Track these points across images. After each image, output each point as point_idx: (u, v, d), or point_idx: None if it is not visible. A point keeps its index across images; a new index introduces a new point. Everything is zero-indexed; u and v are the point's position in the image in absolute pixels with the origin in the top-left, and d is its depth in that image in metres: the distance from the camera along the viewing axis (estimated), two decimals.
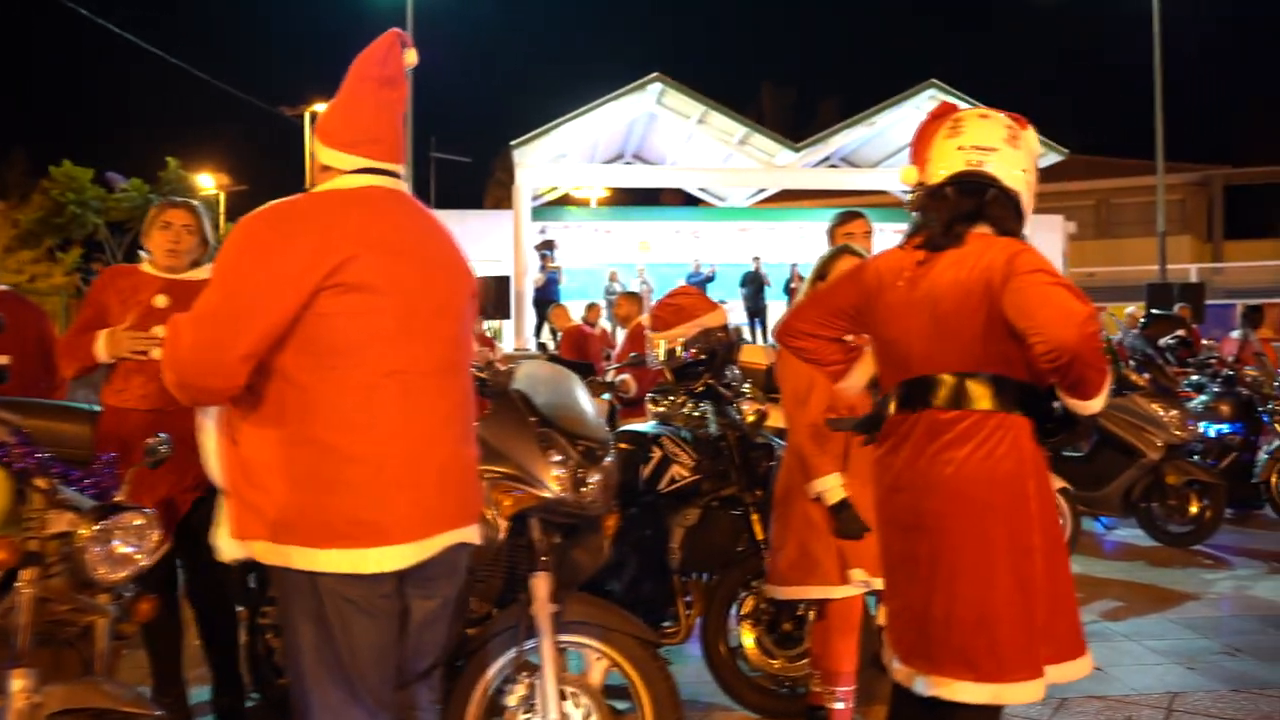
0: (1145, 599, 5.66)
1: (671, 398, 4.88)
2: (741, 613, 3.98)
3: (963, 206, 2.46)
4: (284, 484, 2.10)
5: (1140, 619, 5.27)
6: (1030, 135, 2.56)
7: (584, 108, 19.85)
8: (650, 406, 5.07)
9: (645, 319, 5.39)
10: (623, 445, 4.16)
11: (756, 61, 79.55)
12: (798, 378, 3.43)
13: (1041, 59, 74.99)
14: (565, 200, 26.26)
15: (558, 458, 2.93)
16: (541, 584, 2.89)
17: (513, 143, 19.67)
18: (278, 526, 2.10)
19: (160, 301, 3.59)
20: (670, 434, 4.13)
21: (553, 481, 2.90)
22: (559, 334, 10.73)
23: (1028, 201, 2.52)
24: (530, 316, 19.34)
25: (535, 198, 23.59)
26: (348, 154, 2.23)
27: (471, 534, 2.34)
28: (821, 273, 3.53)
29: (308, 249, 2.06)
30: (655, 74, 19.90)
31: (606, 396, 7.52)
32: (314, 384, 2.09)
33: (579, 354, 9.33)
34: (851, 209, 4.66)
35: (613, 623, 2.96)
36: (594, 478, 2.97)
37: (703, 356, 3.96)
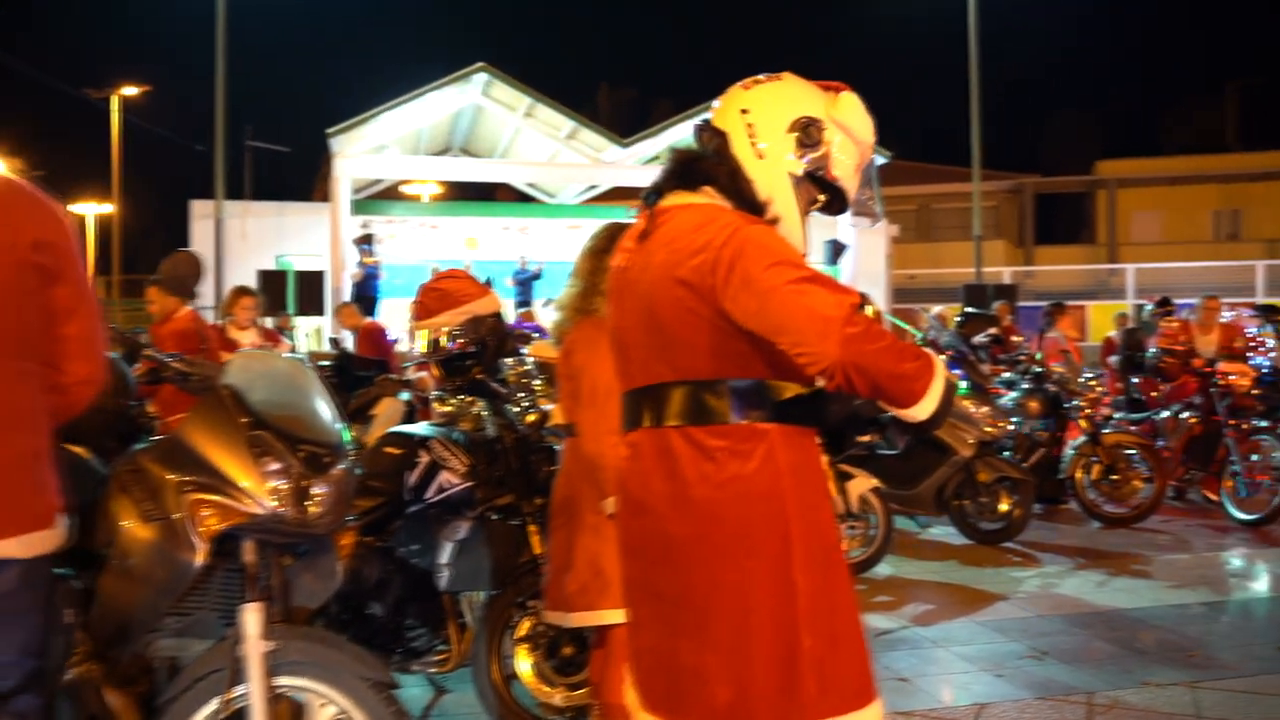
0: (956, 601, 5.52)
1: (461, 396, 4.43)
2: (517, 636, 3.55)
3: (676, 164, 2.09)
4: None
5: (949, 623, 5.10)
6: (790, 84, 2.14)
7: (404, 96, 19.05)
8: (436, 406, 4.60)
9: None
10: (388, 449, 3.70)
11: (596, 62, 79.40)
12: (600, 373, 2.83)
13: (869, 69, 77.37)
14: (393, 194, 25.32)
15: (274, 466, 2.44)
16: (253, 617, 2.40)
17: (329, 131, 18.70)
18: None
19: None
20: (441, 436, 3.68)
21: (266, 494, 2.41)
22: (354, 333, 10.09)
23: (774, 165, 2.07)
24: None
25: (358, 190, 22.64)
26: None
27: (12, 547, 1.99)
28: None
29: None
30: (480, 64, 19.28)
31: (406, 396, 7.01)
32: None
33: (377, 351, 8.77)
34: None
35: (339, 662, 2.48)
36: (320, 489, 2.50)
37: (471, 348, 3.50)
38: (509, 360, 4.40)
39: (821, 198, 2.15)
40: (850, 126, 2.14)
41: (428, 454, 3.56)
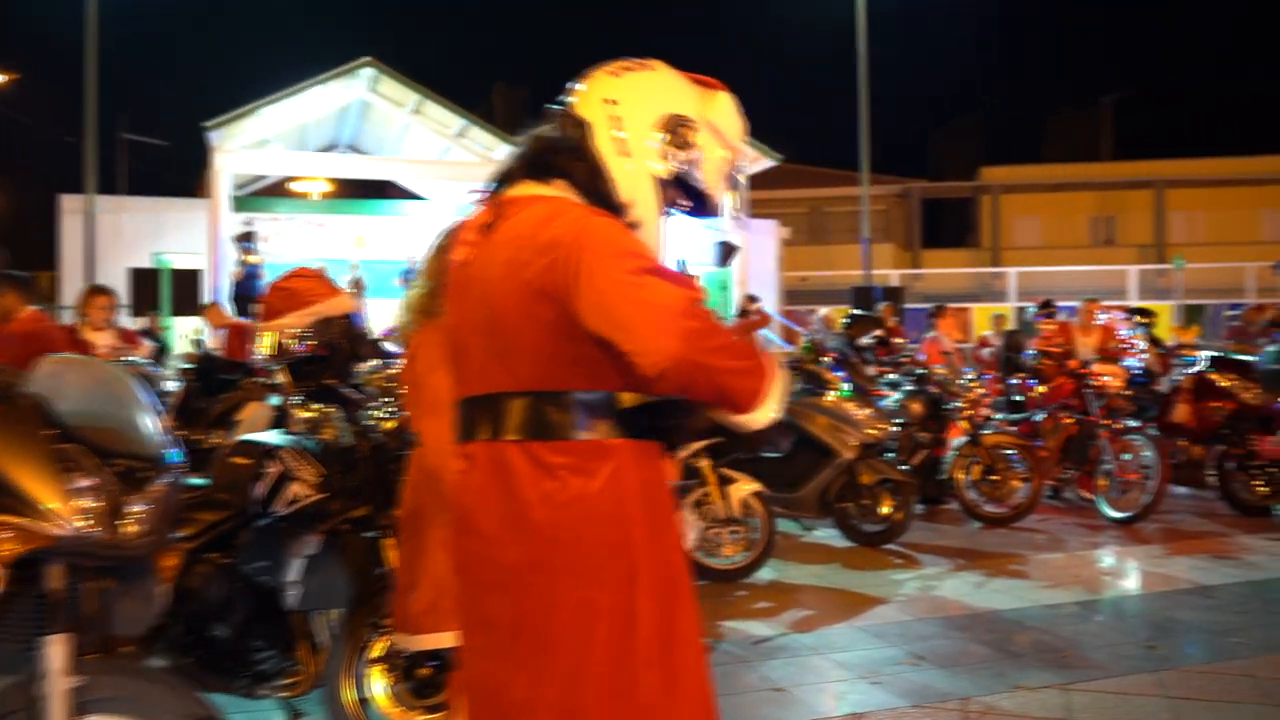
0: (836, 606, 5.48)
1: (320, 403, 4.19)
2: (371, 656, 3.35)
3: (531, 152, 1.95)
4: None
5: (829, 629, 5.04)
6: (663, 76, 2.00)
7: (287, 90, 18.46)
8: (297, 413, 4.35)
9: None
10: (235, 459, 3.45)
11: (491, 61, 78.64)
12: (444, 380, 2.74)
13: (761, 72, 78.29)
14: (281, 191, 24.58)
15: (83, 483, 2.22)
16: (57, 650, 2.18)
17: (206, 124, 18.02)
18: None
19: None
20: (293, 445, 3.45)
21: (73, 514, 2.19)
22: (223, 333, 9.66)
23: (637, 152, 1.92)
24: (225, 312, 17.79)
25: (242, 186, 21.91)
26: None
27: None
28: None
29: None
30: (367, 59, 18.81)
31: (275, 400, 6.70)
32: None
33: (246, 352, 8.38)
34: None
35: (157, 697, 2.27)
36: (138, 507, 2.28)
37: (321, 351, 3.29)
38: (373, 364, 4.19)
39: (683, 202, 2.01)
40: (723, 129, 2.01)
41: (277, 464, 3.34)
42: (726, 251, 10.43)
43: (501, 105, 48.21)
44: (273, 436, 3.60)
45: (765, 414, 1.76)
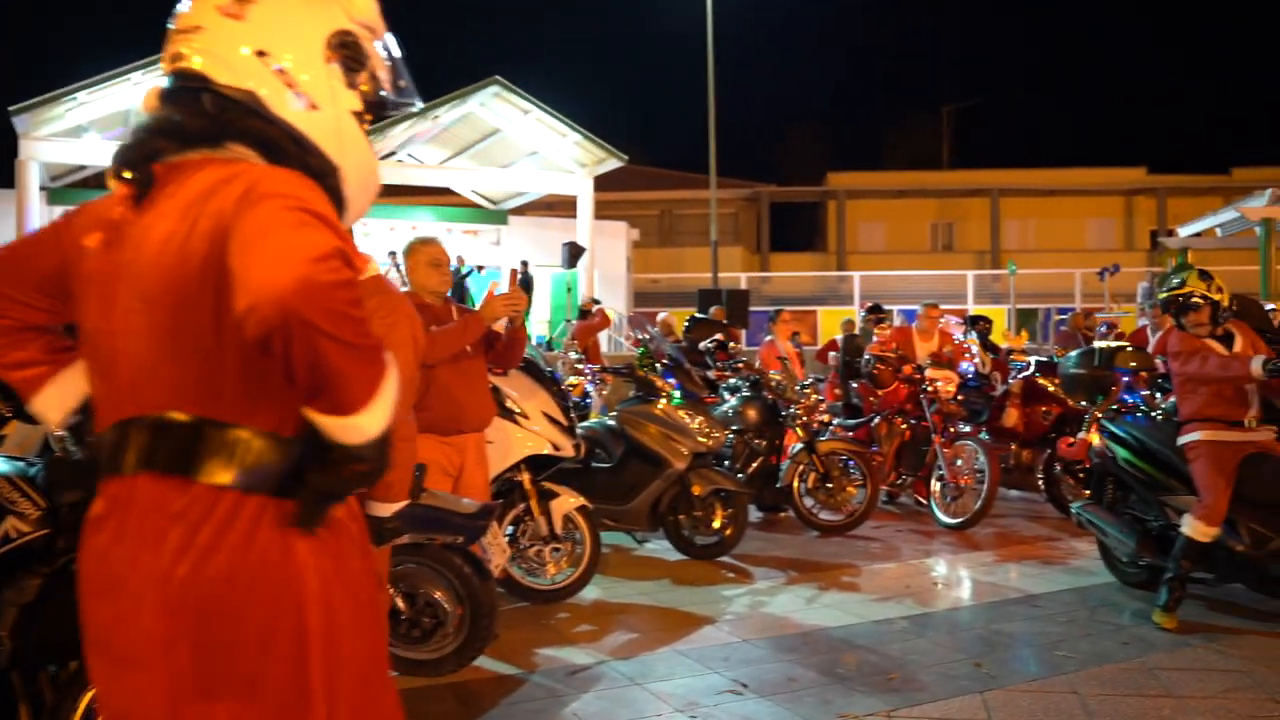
0: (661, 627, 5.18)
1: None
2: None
3: (160, 124, 1.56)
4: None
5: (651, 655, 4.73)
6: None
7: (105, 75, 17.27)
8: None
9: None
10: None
11: None
12: None
13: (615, 76, 78.47)
14: (104, 183, 23.10)
15: None
16: None
17: (12, 109, 16.71)
18: None
19: None
20: (14, 473, 2.94)
21: None
22: None
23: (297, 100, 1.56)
24: None
25: (57, 177, 20.48)
26: None
27: None
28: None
29: None
30: None
31: None
32: None
33: None
34: (428, 236, 4.81)
35: None
36: None
37: None
38: None
39: (378, 115, 1.70)
40: (371, 22, 1.69)
41: None
42: (574, 253, 10.14)
43: None
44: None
45: (369, 423, 1.40)
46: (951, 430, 8.06)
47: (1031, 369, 8.78)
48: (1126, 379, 6.47)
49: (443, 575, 4.29)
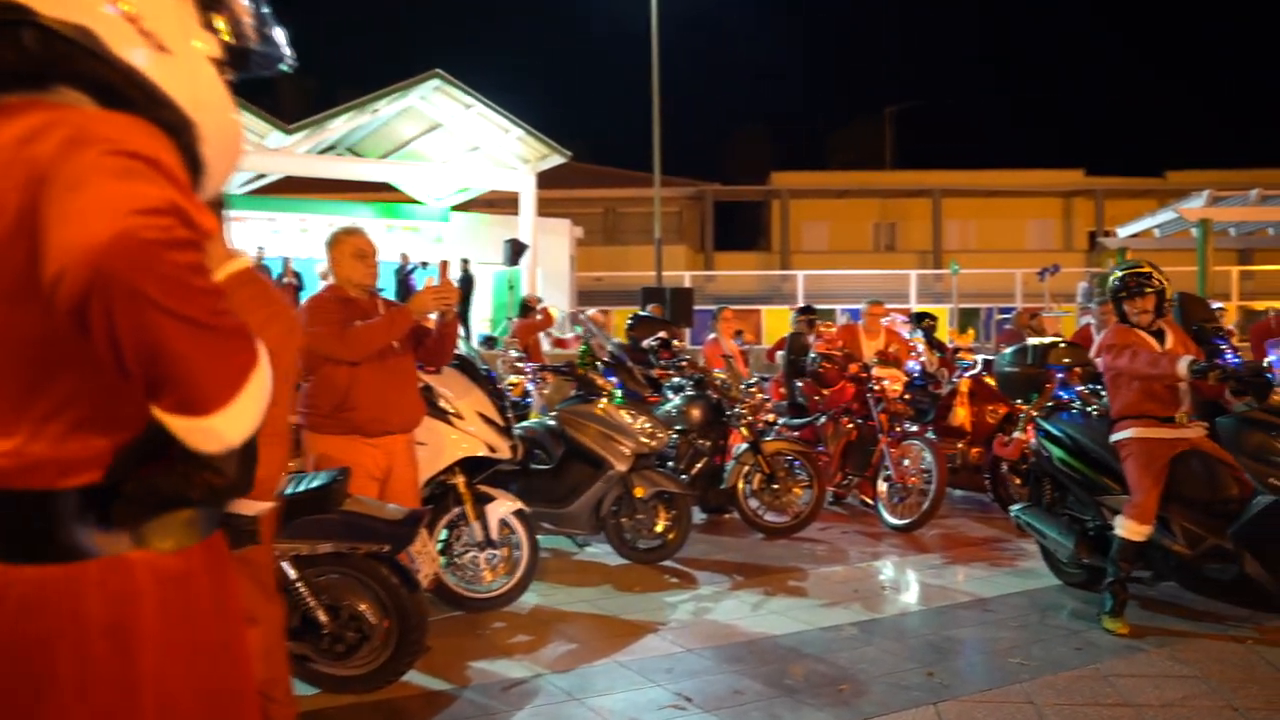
0: (601, 637, 4.95)
1: None
2: None
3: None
4: None
5: (590, 667, 4.50)
6: None
7: None
8: None
9: None
10: None
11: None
12: None
13: (561, 74, 78.17)
14: None
15: None
16: None
17: None
18: None
19: None
20: None
21: None
22: None
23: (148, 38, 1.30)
24: None
25: None
26: None
27: None
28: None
29: None
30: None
31: None
32: None
33: None
34: (352, 226, 4.58)
35: None
36: None
37: None
38: None
39: (239, 68, 1.46)
40: None
41: None
42: (516, 250, 9.77)
43: (289, 95, 46.00)
44: None
45: (228, 427, 1.16)
46: (898, 429, 7.92)
47: (978, 367, 8.67)
48: (1061, 375, 6.36)
49: (368, 586, 4.02)
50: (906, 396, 8.20)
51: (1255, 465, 4.69)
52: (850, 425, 8.33)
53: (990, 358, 9.03)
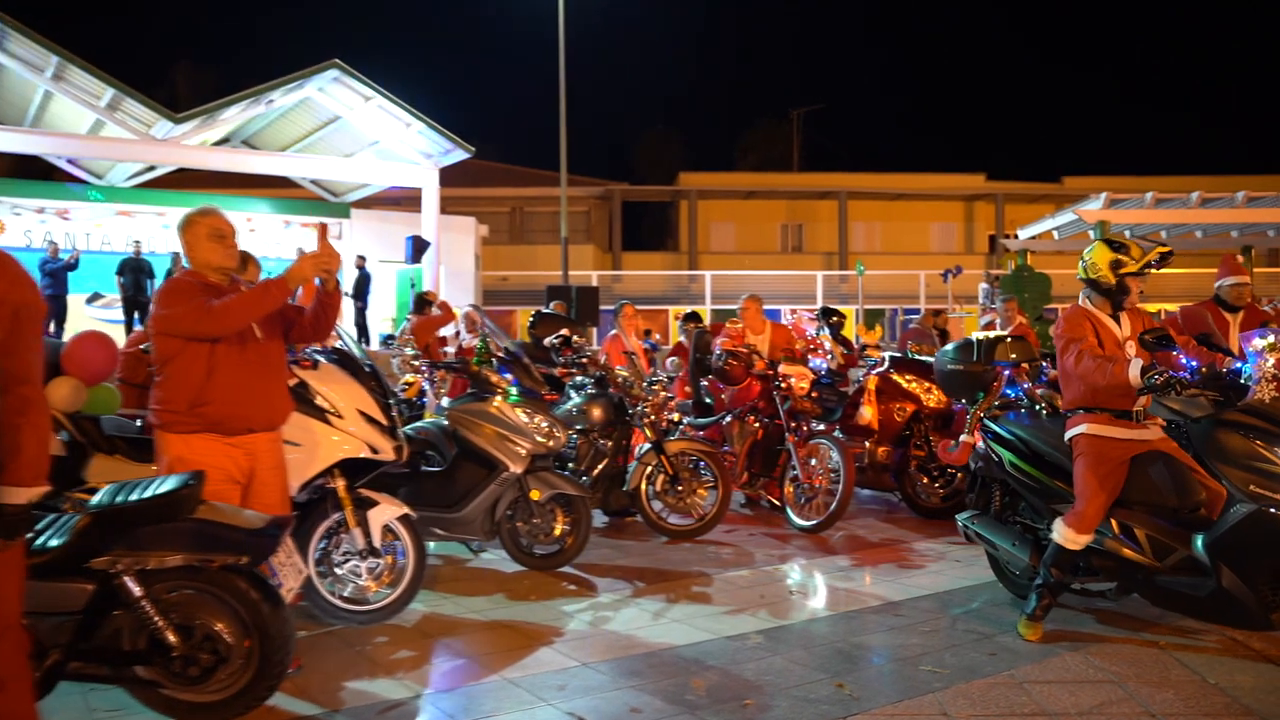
0: (490, 651, 4.60)
1: None
2: None
3: None
4: None
5: (476, 685, 4.15)
6: None
7: None
8: None
9: None
10: None
11: (179, 42, 72.53)
12: None
13: (470, 72, 77.31)
14: None
15: None
16: None
17: None
18: None
19: None
20: None
21: None
22: None
23: None
24: None
25: None
26: None
27: None
28: None
29: None
30: None
31: None
32: None
33: None
34: (207, 206, 4.17)
35: None
36: None
37: None
38: None
39: None
40: None
41: None
42: (418, 247, 9.25)
43: (184, 86, 44.48)
44: None
45: None
46: (805, 428, 7.71)
47: (886, 365, 8.51)
48: (1007, 373, 6.07)
49: (224, 602, 3.61)
50: (814, 395, 8.00)
51: (1233, 471, 4.33)
52: (757, 424, 8.10)
53: (898, 354, 8.89)
